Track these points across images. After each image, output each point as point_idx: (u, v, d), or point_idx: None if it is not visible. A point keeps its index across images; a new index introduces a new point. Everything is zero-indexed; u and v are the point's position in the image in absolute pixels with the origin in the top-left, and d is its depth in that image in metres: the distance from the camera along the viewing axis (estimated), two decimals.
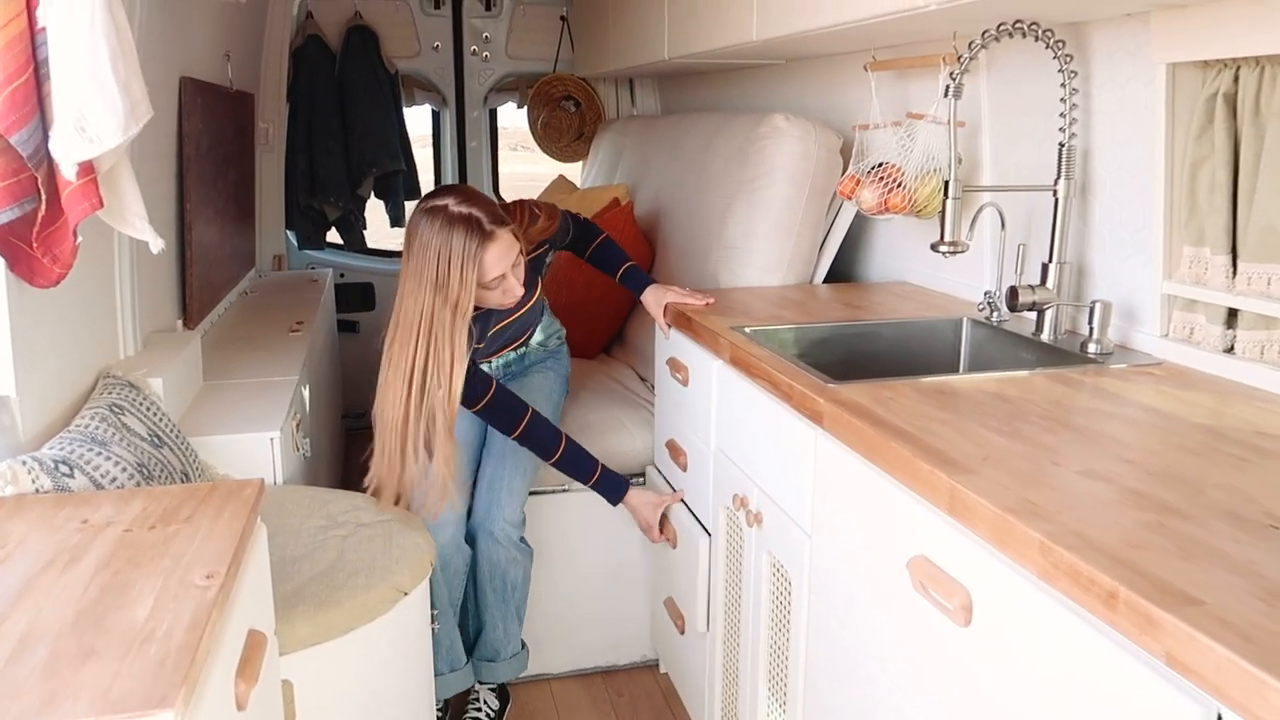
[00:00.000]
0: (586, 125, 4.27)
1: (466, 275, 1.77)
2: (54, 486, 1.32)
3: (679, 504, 2.13)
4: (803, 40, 2.12)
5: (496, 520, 2.11)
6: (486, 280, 1.82)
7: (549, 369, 2.36)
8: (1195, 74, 1.52)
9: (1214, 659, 0.74)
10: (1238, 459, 1.14)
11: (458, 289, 1.77)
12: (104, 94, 1.27)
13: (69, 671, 0.88)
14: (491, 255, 1.80)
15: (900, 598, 1.20)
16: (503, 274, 1.84)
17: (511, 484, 2.15)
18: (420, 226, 1.79)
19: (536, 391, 2.27)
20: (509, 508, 2.13)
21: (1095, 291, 1.75)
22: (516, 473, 2.16)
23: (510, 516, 2.13)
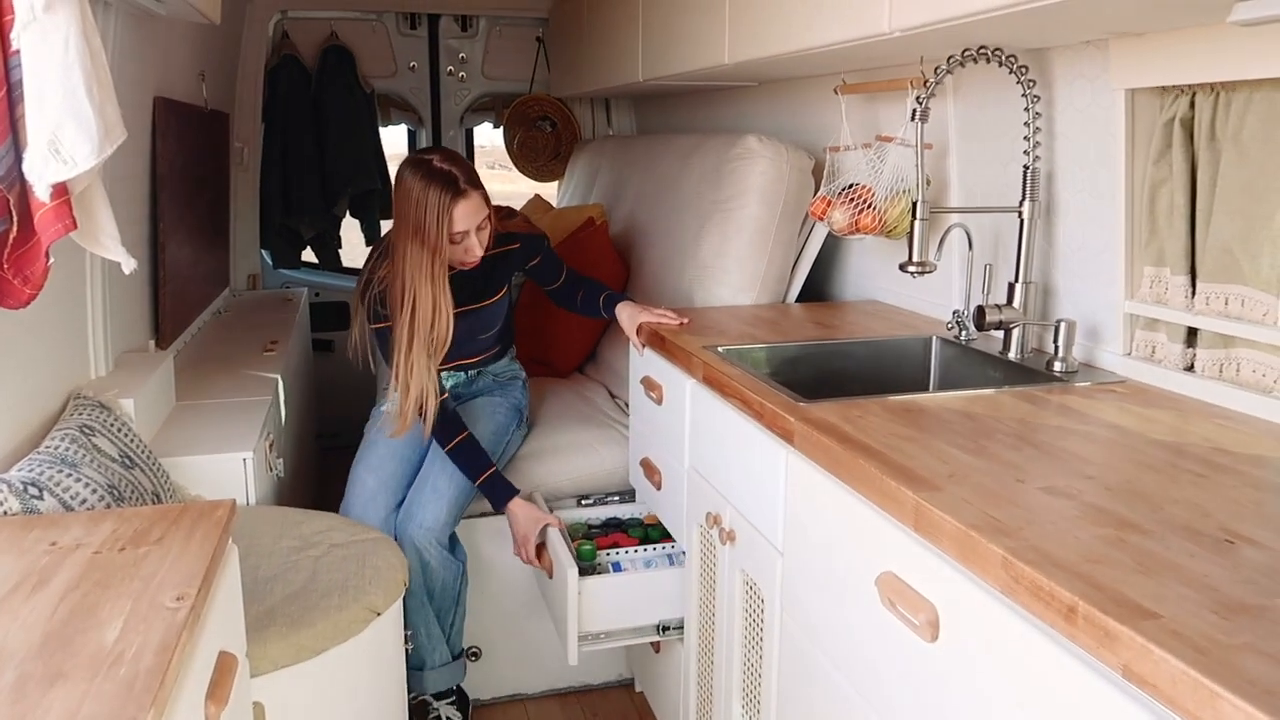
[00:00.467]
0: (562, 145, 4.30)
1: (441, 224, 1.99)
2: (22, 509, 1.31)
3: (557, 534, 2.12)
4: (773, 64, 2.16)
5: (415, 521, 2.13)
6: (453, 232, 2.01)
7: (498, 397, 2.37)
8: (1153, 99, 1.56)
9: (1169, 671, 0.75)
10: (1196, 475, 1.17)
11: (434, 235, 2.00)
12: (78, 116, 1.28)
13: (37, 694, 0.88)
14: (460, 210, 2.01)
15: (869, 613, 1.22)
16: (467, 231, 2.03)
17: (437, 486, 2.16)
18: (405, 175, 2.04)
19: (481, 412, 2.30)
20: (431, 510, 2.13)
21: (1060, 311, 1.79)
22: (444, 477, 2.16)
23: (428, 520, 2.12)
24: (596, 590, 2.00)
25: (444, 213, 1.98)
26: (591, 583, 1.99)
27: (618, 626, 2.03)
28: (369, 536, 1.84)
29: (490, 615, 2.36)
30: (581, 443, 2.42)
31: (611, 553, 2.13)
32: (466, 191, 2.01)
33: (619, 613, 2.03)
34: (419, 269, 2.02)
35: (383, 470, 2.22)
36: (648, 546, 2.15)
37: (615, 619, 2.03)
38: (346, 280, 4.32)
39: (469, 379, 2.38)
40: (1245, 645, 0.77)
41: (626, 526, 2.26)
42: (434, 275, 2.02)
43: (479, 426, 2.25)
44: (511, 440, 2.34)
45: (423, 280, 2.02)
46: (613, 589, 2.02)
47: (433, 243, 2.00)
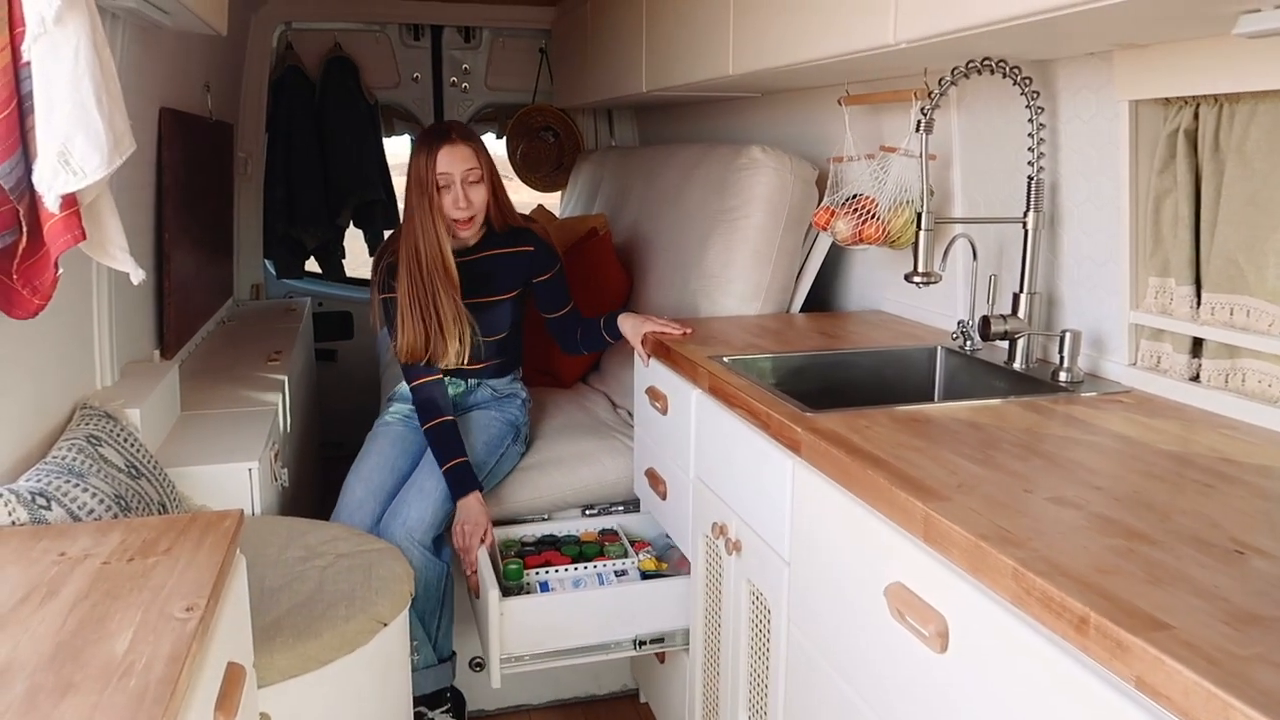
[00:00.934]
0: (565, 155, 4.31)
1: (429, 167, 2.17)
2: (31, 519, 1.31)
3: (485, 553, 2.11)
4: (778, 75, 2.16)
5: (398, 520, 2.13)
6: (436, 173, 2.16)
7: (494, 411, 2.38)
8: (1157, 111, 1.56)
9: (1182, 682, 0.75)
10: (1204, 485, 1.17)
11: (424, 177, 2.17)
12: (88, 127, 1.28)
13: (48, 705, 0.88)
14: (443, 154, 2.17)
15: (878, 624, 1.22)
16: (451, 175, 2.17)
17: (424, 488, 2.17)
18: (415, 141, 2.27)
19: (475, 424, 2.31)
20: (415, 510, 2.14)
21: (1065, 321, 1.79)
22: (431, 480, 2.17)
23: (412, 520, 2.13)
24: (519, 611, 1.96)
25: (431, 157, 2.16)
26: (514, 603, 1.96)
27: (545, 649, 1.98)
28: (375, 547, 1.84)
29: None
30: (585, 453, 2.42)
31: (541, 572, 2.11)
32: (454, 140, 2.18)
33: (544, 634, 1.98)
34: (422, 214, 2.18)
35: (372, 480, 2.24)
36: (579, 565, 2.13)
37: (540, 640, 1.98)
38: (350, 290, 4.32)
39: (468, 389, 2.39)
40: (1258, 656, 0.77)
41: (561, 545, 2.23)
42: (432, 218, 2.18)
43: (471, 437, 2.26)
44: (506, 455, 2.33)
45: (426, 223, 2.18)
46: (536, 610, 1.98)
47: (424, 185, 2.17)
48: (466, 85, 4.30)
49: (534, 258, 2.32)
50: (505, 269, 2.30)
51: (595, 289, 2.83)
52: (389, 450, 2.30)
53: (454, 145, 2.17)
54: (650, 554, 2.17)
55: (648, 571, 2.11)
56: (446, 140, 2.18)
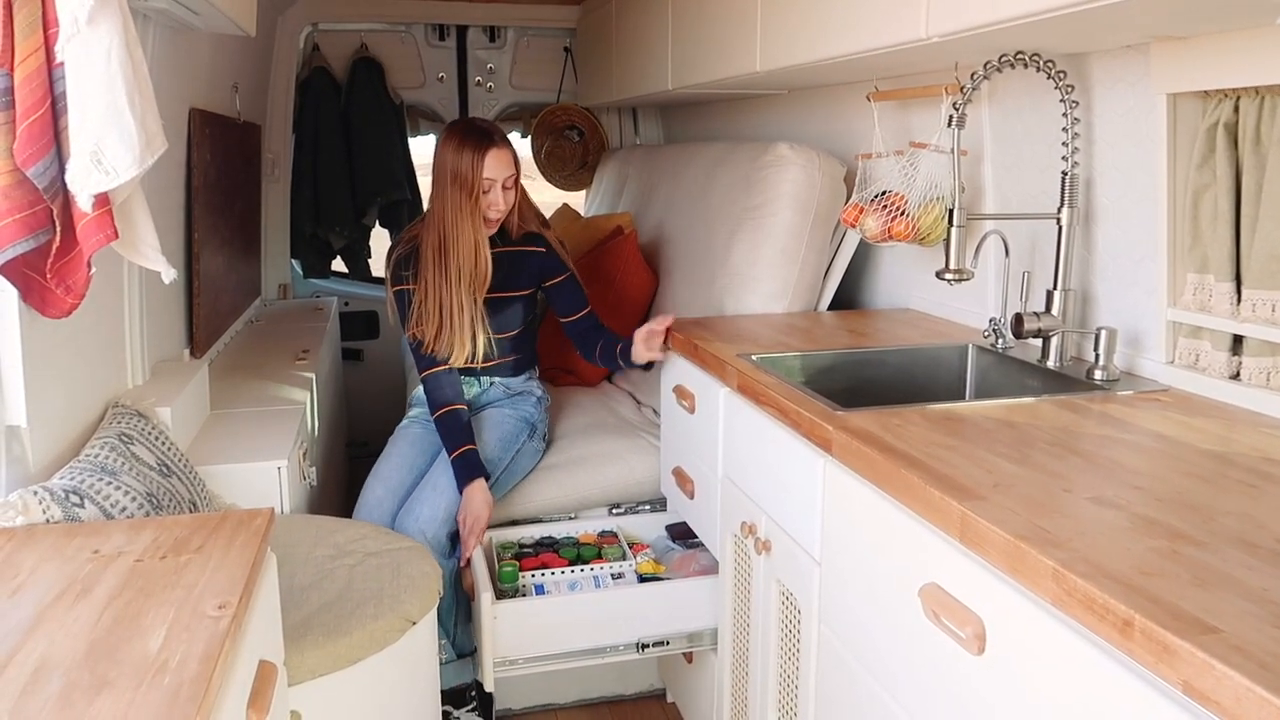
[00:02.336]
0: (590, 154, 4.31)
1: (476, 168, 2.19)
2: (64, 516, 1.32)
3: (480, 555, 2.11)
4: (806, 71, 2.15)
5: (412, 515, 2.14)
6: (482, 176, 2.18)
7: (507, 409, 2.38)
8: (1196, 104, 1.53)
9: (1232, 688, 0.74)
10: (1247, 485, 1.14)
11: (469, 178, 2.19)
12: (120, 127, 1.29)
13: (83, 703, 0.88)
14: (491, 158, 2.19)
15: (912, 626, 1.20)
16: (494, 181, 2.20)
17: (437, 484, 2.18)
18: (447, 133, 2.26)
19: (487, 421, 2.32)
20: (428, 506, 2.15)
21: (1100, 318, 1.76)
22: (445, 477, 2.18)
23: (424, 515, 2.14)
24: (511, 614, 1.95)
25: (478, 158, 2.18)
26: (507, 607, 1.95)
27: (539, 652, 1.98)
28: (403, 545, 1.84)
29: None
30: (611, 452, 2.41)
31: (537, 574, 2.09)
32: (499, 144, 2.21)
33: (539, 637, 1.97)
34: (458, 210, 2.20)
35: (390, 479, 2.26)
36: (576, 568, 2.11)
37: (535, 644, 1.97)
38: (376, 290, 4.34)
39: (482, 389, 2.40)
40: None
41: (559, 547, 2.22)
42: (471, 215, 2.20)
43: (484, 434, 2.27)
44: (523, 452, 2.32)
45: (462, 219, 2.20)
46: (530, 613, 1.96)
47: (468, 184, 2.18)
48: (491, 85, 4.30)
49: (542, 260, 2.33)
50: (517, 267, 2.32)
51: (621, 288, 2.82)
52: (408, 451, 2.32)
53: (500, 150, 2.20)
54: (648, 556, 2.15)
55: (645, 575, 2.10)
56: (493, 144, 2.20)
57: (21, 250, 1.31)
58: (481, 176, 2.18)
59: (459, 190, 2.19)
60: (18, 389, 1.44)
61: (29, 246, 1.32)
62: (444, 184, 2.22)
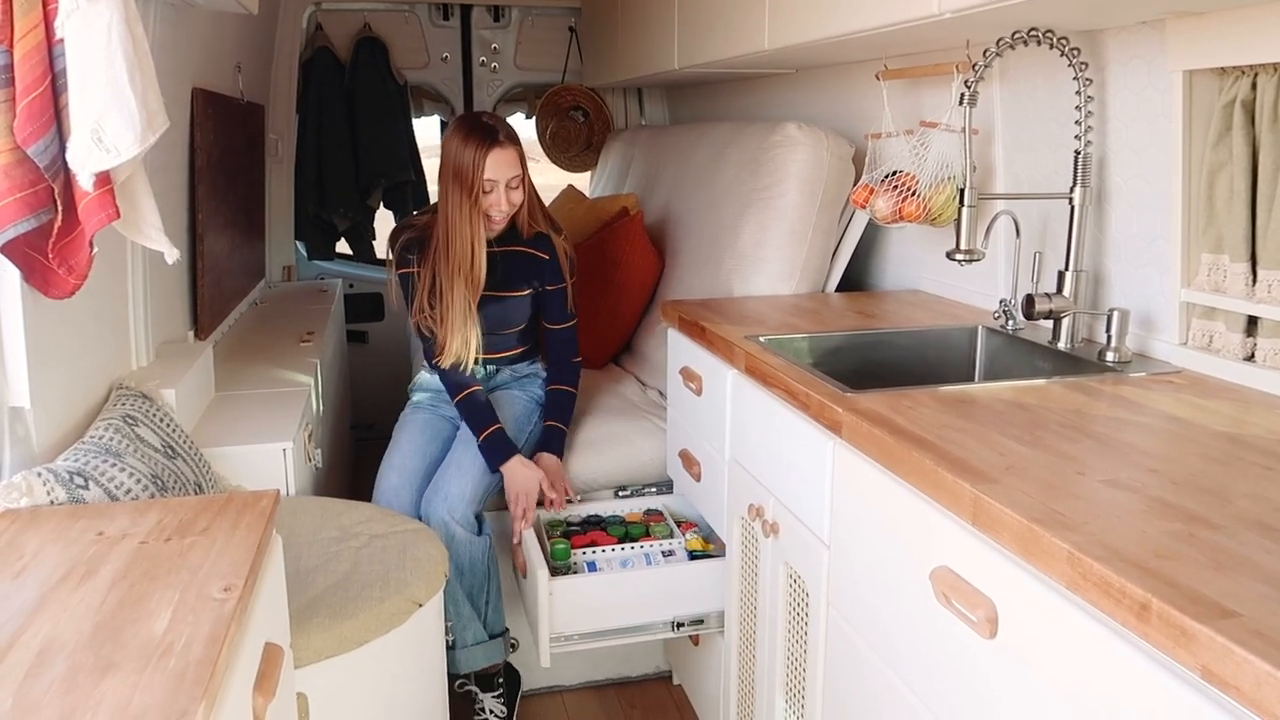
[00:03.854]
0: (595, 135, 4.27)
1: (477, 168, 2.12)
2: (69, 498, 1.32)
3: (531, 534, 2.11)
4: (814, 49, 2.12)
5: (440, 495, 2.13)
6: (483, 177, 2.13)
7: (516, 390, 2.39)
8: (1212, 81, 1.51)
9: (1253, 673, 0.72)
10: (1263, 468, 1.13)
11: (469, 178, 2.13)
12: (121, 105, 1.27)
13: (88, 685, 0.87)
14: (493, 158, 2.13)
15: (923, 609, 1.19)
16: (496, 182, 2.14)
17: (461, 464, 2.17)
18: (453, 128, 2.20)
19: (498, 403, 2.31)
20: (455, 486, 2.14)
21: (1112, 299, 1.74)
22: (469, 456, 2.17)
23: (453, 495, 2.12)
24: (568, 591, 1.96)
25: (479, 158, 2.12)
26: (563, 583, 1.96)
27: (593, 628, 1.98)
28: (409, 527, 1.83)
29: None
30: (618, 435, 2.40)
31: (588, 552, 2.09)
32: (503, 143, 2.14)
33: (593, 614, 1.98)
34: (457, 209, 2.15)
35: (405, 467, 2.24)
36: (626, 545, 2.11)
37: (589, 620, 1.98)
38: (380, 272, 4.32)
39: (488, 374, 2.40)
40: None
41: (606, 525, 2.21)
42: (470, 215, 2.15)
43: (505, 417, 2.26)
44: (534, 432, 2.33)
45: (461, 219, 2.15)
46: (585, 590, 1.97)
47: (468, 184, 2.13)
48: (496, 65, 4.27)
49: (546, 266, 2.30)
50: (521, 268, 2.29)
51: (627, 269, 2.81)
52: (418, 436, 2.31)
53: (503, 149, 2.14)
54: (697, 534, 2.15)
55: (695, 552, 2.09)
56: (496, 143, 2.13)
57: (23, 230, 1.30)
58: (483, 177, 2.13)
59: (459, 189, 2.15)
60: (21, 370, 1.43)
61: (30, 226, 1.30)
62: (446, 180, 2.18)
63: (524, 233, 2.27)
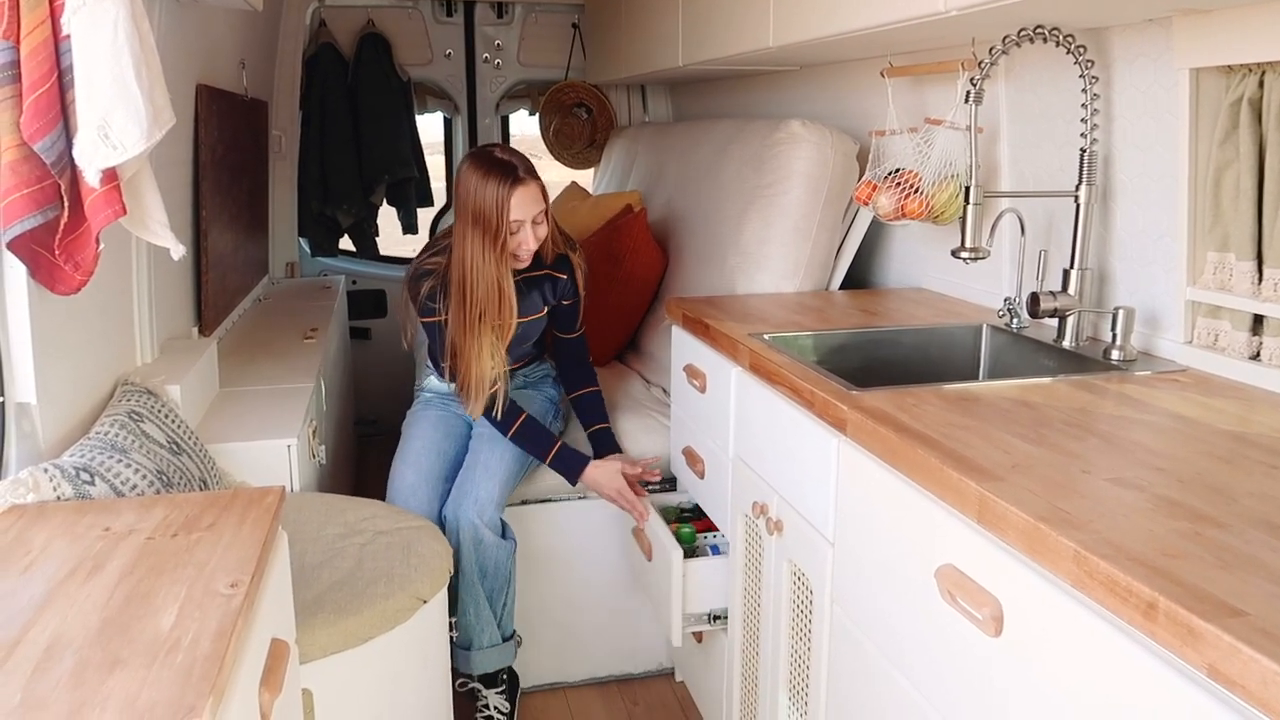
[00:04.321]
0: (598, 132, 4.27)
1: (501, 210, 2.03)
2: (75, 494, 1.32)
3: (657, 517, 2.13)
4: (819, 46, 2.12)
5: (469, 498, 2.12)
6: (509, 219, 2.04)
7: (531, 390, 2.40)
8: (1219, 79, 1.51)
9: (1259, 671, 0.72)
10: (1269, 467, 1.13)
11: (493, 221, 2.03)
12: (127, 101, 1.28)
13: (95, 681, 0.88)
14: (518, 197, 2.03)
15: (928, 607, 1.19)
16: (523, 221, 2.05)
17: (488, 465, 2.16)
18: (466, 167, 2.09)
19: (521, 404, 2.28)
20: (484, 488, 2.13)
21: (1117, 298, 1.74)
22: (494, 456, 2.17)
23: (482, 497, 2.12)
24: (699, 571, 2.01)
25: (503, 199, 2.02)
26: (696, 564, 2.01)
27: (717, 607, 2.04)
28: (413, 524, 1.84)
29: (531, 603, 2.36)
30: (621, 431, 2.40)
31: (707, 535, 2.13)
32: (524, 180, 2.04)
33: (716, 594, 2.03)
34: (480, 254, 2.05)
35: (420, 464, 2.23)
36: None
37: (715, 600, 2.04)
38: (384, 269, 4.33)
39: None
40: None
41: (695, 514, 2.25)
42: (496, 260, 2.06)
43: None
44: (552, 429, 2.34)
45: (486, 265, 2.06)
46: (714, 570, 2.03)
47: (493, 228, 2.03)
48: (499, 62, 4.27)
49: (563, 284, 2.26)
50: (539, 289, 2.24)
51: (630, 266, 2.80)
52: (431, 434, 2.29)
53: (526, 186, 2.04)
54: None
55: None
56: (518, 181, 2.03)
57: (30, 226, 1.30)
58: (509, 219, 2.03)
59: (481, 233, 2.04)
60: (27, 366, 1.43)
61: (37, 222, 1.30)
62: (465, 222, 2.06)
63: (546, 259, 2.20)
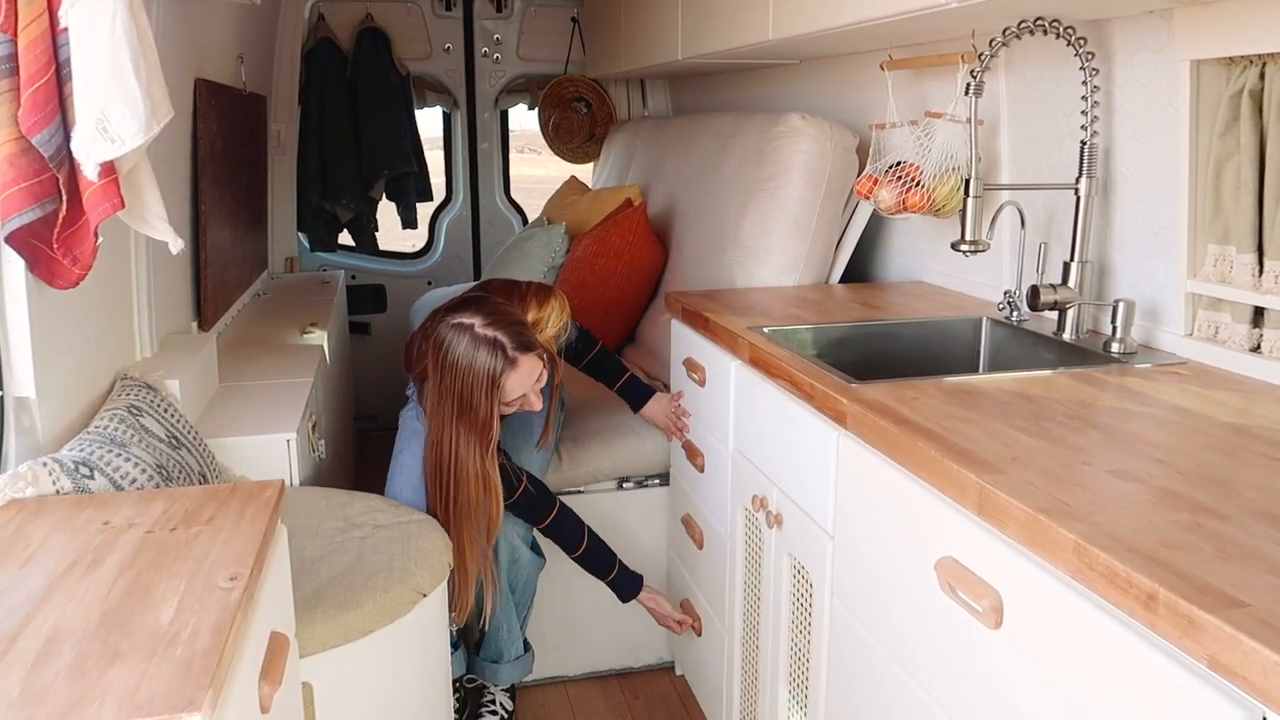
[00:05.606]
0: (597, 126, 4.27)
1: (491, 400, 1.81)
2: (74, 488, 1.32)
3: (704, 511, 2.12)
4: (819, 39, 2.11)
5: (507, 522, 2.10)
6: (506, 401, 1.87)
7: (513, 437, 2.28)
8: (1220, 71, 1.50)
9: (1260, 662, 0.72)
10: (1269, 459, 1.13)
11: (484, 413, 1.81)
12: (126, 94, 1.27)
13: (95, 674, 0.88)
14: (513, 380, 1.83)
15: (927, 599, 1.19)
16: (524, 394, 1.88)
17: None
18: (448, 343, 1.82)
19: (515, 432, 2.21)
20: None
21: (1117, 290, 1.74)
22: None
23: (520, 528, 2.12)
24: None
25: (495, 386, 1.81)
26: None
27: None
28: (413, 518, 1.84)
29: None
30: (621, 426, 2.40)
31: None
32: (516, 360, 1.81)
33: None
34: (469, 451, 1.84)
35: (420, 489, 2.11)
36: None
37: None
38: (383, 263, 4.33)
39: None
40: None
41: None
42: (481, 454, 1.84)
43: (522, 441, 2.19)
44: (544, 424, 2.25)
45: (470, 459, 1.84)
46: None
47: (481, 421, 1.82)
48: (498, 56, 4.26)
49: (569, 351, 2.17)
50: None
51: (631, 260, 2.80)
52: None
53: (519, 367, 1.83)
54: None
55: None
56: (512, 365, 1.81)
57: (28, 219, 1.29)
58: (505, 401, 1.84)
59: (466, 427, 1.82)
60: (26, 360, 1.43)
61: (35, 216, 1.30)
62: (447, 405, 1.82)
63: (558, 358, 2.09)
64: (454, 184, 4.42)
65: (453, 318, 1.84)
